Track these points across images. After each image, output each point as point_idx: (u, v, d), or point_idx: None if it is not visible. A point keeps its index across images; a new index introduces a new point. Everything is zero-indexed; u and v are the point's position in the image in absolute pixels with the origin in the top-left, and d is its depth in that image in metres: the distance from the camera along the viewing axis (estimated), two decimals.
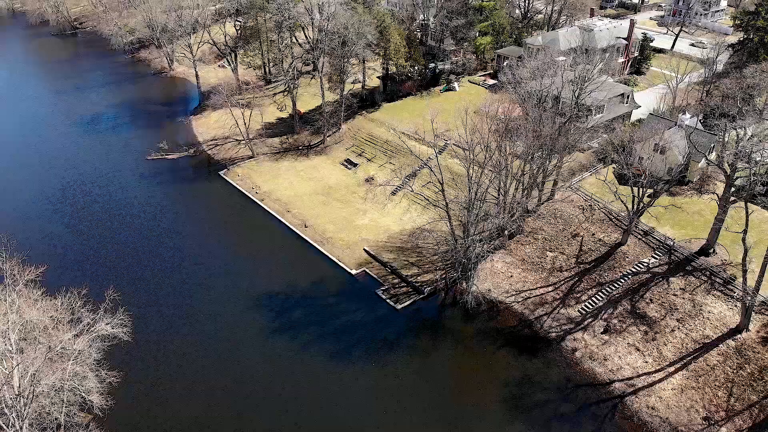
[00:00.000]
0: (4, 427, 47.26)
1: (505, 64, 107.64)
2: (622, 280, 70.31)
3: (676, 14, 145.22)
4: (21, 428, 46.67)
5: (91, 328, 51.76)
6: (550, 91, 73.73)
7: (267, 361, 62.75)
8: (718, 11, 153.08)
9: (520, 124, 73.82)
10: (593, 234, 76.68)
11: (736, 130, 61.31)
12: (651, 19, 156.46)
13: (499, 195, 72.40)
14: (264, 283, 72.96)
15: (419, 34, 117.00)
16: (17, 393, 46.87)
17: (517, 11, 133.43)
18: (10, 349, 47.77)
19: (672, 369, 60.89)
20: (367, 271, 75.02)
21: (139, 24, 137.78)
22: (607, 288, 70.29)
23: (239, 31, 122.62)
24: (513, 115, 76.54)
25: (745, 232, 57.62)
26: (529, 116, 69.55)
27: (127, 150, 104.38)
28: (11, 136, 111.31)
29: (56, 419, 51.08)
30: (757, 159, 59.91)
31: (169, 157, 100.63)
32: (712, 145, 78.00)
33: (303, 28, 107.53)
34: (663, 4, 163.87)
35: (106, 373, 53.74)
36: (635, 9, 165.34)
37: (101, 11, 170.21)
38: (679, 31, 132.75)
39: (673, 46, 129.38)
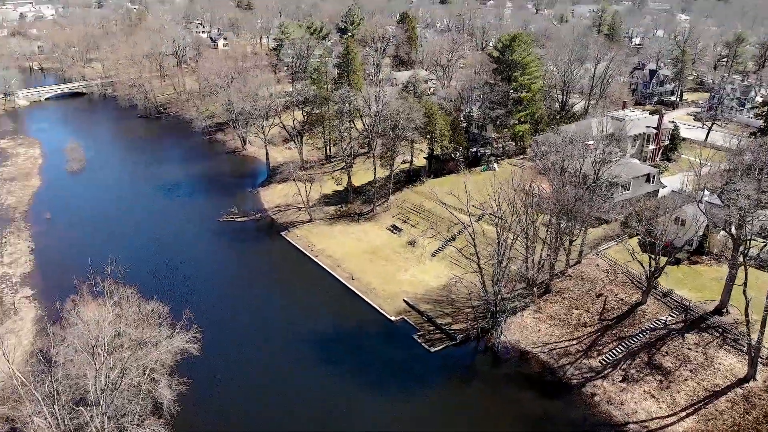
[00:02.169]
0: (88, 419, 56.10)
1: (542, 149, 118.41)
2: (641, 335, 76.12)
3: (710, 110, 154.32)
4: (105, 414, 55.51)
5: (171, 338, 61.79)
6: (572, 164, 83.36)
7: (314, 388, 70.87)
8: (752, 108, 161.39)
9: (546, 193, 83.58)
10: (616, 294, 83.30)
11: (738, 198, 68.69)
12: (688, 114, 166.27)
13: (526, 252, 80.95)
14: (314, 323, 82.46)
15: (464, 122, 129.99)
16: (103, 387, 56.27)
17: (556, 104, 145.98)
18: (103, 348, 57.75)
19: (684, 414, 65.57)
20: (406, 318, 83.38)
21: (219, 109, 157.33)
22: (626, 342, 76.08)
23: (306, 117, 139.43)
24: (541, 187, 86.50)
25: (745, 284, 64.02)
26: (552, 184, 79.07)
27: (201, 213, 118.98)
28: (105, 198, 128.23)
29: (132, 419, 59.87)
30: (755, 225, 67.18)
31: (239, 219, 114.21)
32: (730, 220, 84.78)
33: (361, 116, 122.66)
34: (700, 102, 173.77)
35: (178, 380, 63.13)
36: (673, 106, 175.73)
37: (185, 99, 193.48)
38: (711, 125, 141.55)
39: (706, 138, 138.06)
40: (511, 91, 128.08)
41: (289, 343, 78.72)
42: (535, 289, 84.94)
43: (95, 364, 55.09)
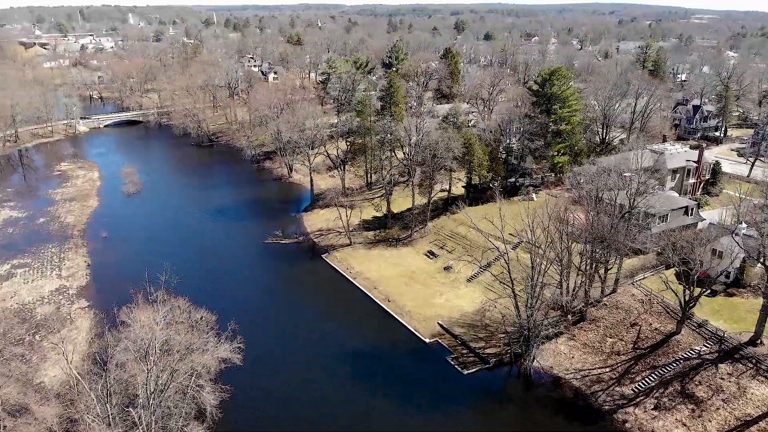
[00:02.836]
0: (137, 419, 59.63)
1: (581, 180, 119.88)
2: (674, 365, 76.28)
3: (754, 146, 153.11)
4: (153, 414, 59.10)
5: (217, 345, 65.65)
6: (606, 193, 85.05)
7: (348, 405, 73.63)
8: None
9: (581, 221, 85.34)
10: (650, 324, 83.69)
11: None
12: (731, 149, 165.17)
13: (560, 278, 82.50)
14: (350, 342, 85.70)
15: (503, 153, 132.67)
16: (152, 390, 59.99)
17: (597, 137, 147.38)
18: (153, 352, 61.63)
19: None
20: (440, 341, 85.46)
21: (267, 138, 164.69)
22: (660, 371, 76.33)
23: (349, 147, 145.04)
24: (576, 215, 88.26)
25: None
26: (588, 211, 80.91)
27: (248, 234, 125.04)
28: (158, 219, 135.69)
29: (177, 421, 63.23)
30: None
31: (282, 242, 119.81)
32: (763, 251, 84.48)
33: (402, 145, 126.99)
34: (744, 138, 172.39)
35: (221, 388, 66.66)
36: (717, 141, 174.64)
37: (235, 129, 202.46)
38: (755, 160, 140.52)
39: (749, 174, 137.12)
40: (551, 123, 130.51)
41: (326, 359, 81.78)
42: (569, 316, 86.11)
43: (147, 366, 59.14)
